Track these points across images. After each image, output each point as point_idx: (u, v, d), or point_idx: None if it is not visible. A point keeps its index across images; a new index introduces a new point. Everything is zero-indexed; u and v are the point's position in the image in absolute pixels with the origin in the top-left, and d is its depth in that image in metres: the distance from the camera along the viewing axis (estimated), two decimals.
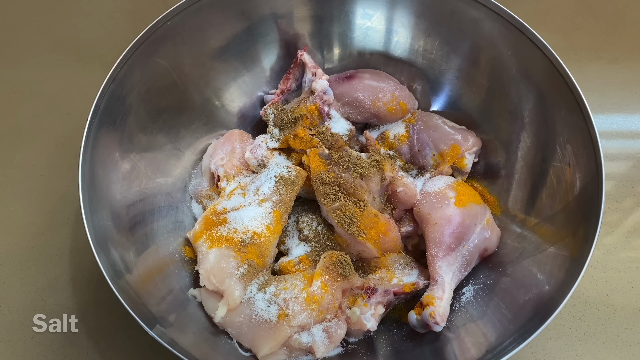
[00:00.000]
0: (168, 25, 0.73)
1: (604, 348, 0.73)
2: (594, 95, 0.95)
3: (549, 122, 0.70)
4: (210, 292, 0.67)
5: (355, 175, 0.71)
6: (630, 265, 0.79)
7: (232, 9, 0.78)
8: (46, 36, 1.05)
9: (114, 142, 0.70)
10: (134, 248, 0.68)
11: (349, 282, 0.67)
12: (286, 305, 0.63)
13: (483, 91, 0.80)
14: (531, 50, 0.70)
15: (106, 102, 0.68)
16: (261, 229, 0.68)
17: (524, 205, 0.74)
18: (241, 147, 0.80)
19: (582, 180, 0.64)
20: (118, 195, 0.69)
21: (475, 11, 0.74)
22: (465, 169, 0.79)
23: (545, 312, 0.57)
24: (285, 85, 0.83)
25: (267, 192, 0.71)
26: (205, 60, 0.81)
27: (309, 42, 0.85)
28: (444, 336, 0.66)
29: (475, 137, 0.80)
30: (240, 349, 0.65)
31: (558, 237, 0.65)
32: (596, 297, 0.77)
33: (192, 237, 0.71)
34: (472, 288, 0.71)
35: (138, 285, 0.64)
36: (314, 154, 0.73)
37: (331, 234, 0.73)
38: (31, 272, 0.80)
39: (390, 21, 0.83)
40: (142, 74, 0.73)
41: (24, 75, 1.00)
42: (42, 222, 0.84)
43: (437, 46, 0.82)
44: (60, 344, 0.74)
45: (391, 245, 0.72)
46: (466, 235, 0.70)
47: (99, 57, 1.02)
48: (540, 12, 1.06)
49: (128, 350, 0.74)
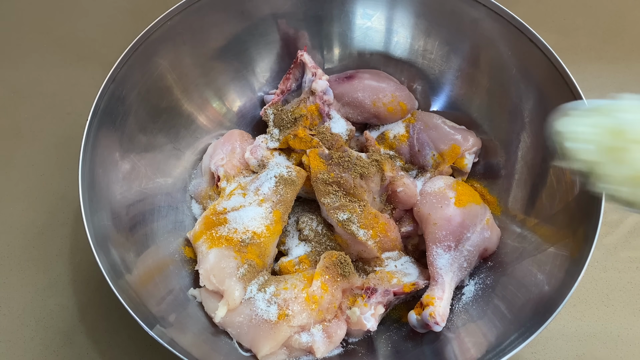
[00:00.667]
0: (168, 25, 0.73)
1: (604, 348, 0.73)
2: (594, 95, 0.94)
3: (549, 122, 0.70)
4: (210, 292, 0.67)
5: (355, 175, 0.71)
6: (630, 265, 0.79)
7: (232, 9, 0.78)
8: (46, 36, 1.05)
9: (114, 142, 0.70)
10: (134, 248, 0.68)
11: (349, 282, 0.67)
12: (286, 305, 0.63)
13: (483, 91, 0.80)
14: (531, 50, 0.70)
15: (106, 102, 0.68)
16: (261, 229, 0.68)
17: (524, 205, 0.74)
18: (241, 147, 0.80)
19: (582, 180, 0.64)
20: (118, 195, 0.69)
21: (475, 11, 0.74)
22: (465, 169, 0.79)
23: (545, 312, 0.57)
24: (285, 85, 0.83)
25: (267, 192, 0.71)
26: (205, 60, 0.81)
27: (309, 42, 0.85)
28: (444, 336, 0.66)
29: (475, 137, 0.79)
30: (240, 349, 0.65)
31: (558, 237, 0.65)
32: (596, 297, 0.77)
33: (192, 237, 0.71)
34: (472, 288, 0.71)
35: (138, 285, 0.64)
36: (314, 154, 0.73)
37: (331, 234, 0.73)
38: (31, 272, 0.80)
39: (390, 21, 0.83)
40: (142, 74, 0.73)
41: (24, 75, 1.00)
42: (42, 222, 0.84)
43: (437, 46, 0.82)
44: (60, 344, 0.74)
45: (391, 245, 0.72)
46: (466, 236, 0.70)
47: (99, 57, 1.02)
48: (540, 12, 1.06)
49: (128, 350, 0.74)
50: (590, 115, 0.45)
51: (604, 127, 0.43)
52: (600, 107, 0.44)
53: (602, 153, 0.43)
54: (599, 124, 0.43)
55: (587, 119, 0.45)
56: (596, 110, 0.44)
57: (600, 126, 0.43)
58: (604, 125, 0.43)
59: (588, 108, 0.45)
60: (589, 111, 0.45)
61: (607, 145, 0.43)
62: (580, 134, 0.45)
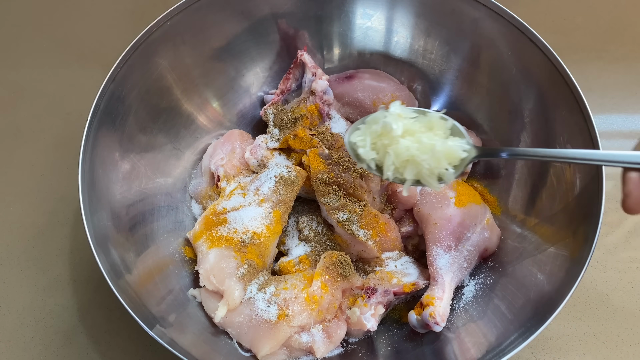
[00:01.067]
0: (168, 25, 0.73)
1: (604, 348, 0.73)
2: (594, 95, 0.95)
3: (549, 122, 0.70)
4: (210, 292, 0.67)
5: (355, 175, 0.71)
6: (630, 265, 0.79)
7: (232, 9, 0.78)
8: (46, 36, 1.05)
9: (114, 142, 0.70)
10: (133, 248, 0.68)
11: (349, 282, 0.67)
12: (286, 305, 0.63)
13: (483, 91, 0.80)
14: (531, 50, 0.70)
15: (106, 102, 0.68)
16: (261, 229, 0.68)
17: (524, 205, 0.74)
18: (241, 147, 0.80)
19: (582, 180, 0.64)
20: (118, 196, 0.69)
21: (475, 11, 0.74)
22: (466, 169, 0.79)
23: (545, 312, 0.57)
24: (285, 85, 0.83)
25: (267, 192, 0.71)
26: (205, 60, 0.81)
27: (309, 42, 0.85)
28: (444, 336, 0.66)
29: (475, 137, 0.80)
30: (240, 349, 0.65)
31: (558, 237, 0.65)
32: (596, 297, 0.77)
33: (192, 237, 0.71)
34: (473, 288, 0.71)
35: (138, 285, 0.64)
36: (313, 154, 0.73)
37: (331, 234, 0.73)
38: (31, 272, 0.80)
39: (390, 21, 0.83)
40: (142, 74, 0.73)
41: (24, 76, 1.00)
42: (42, 222, 0.84)
43: (437, 46, 0.82)
44: (60, 344, 0.74)
45: (391, 245, 0.72)
46: (466, 235, 0.70)
47: (99, 57, 1.02)
48: (540, 12, 1.06)
49: (128, 350, 0.74)
50: (369, 125, 0.57)
51: (376, 132, 0.56)
52: (375, 117, 0.56)
53: (378, 151, 0.56)
54: (373, 130, 0.56)
55: (367, 129, 0.57)
56: (372, 121, 0.56)
57: (374, 132, 0.56)
58: (376, 131, 0.56)
59: (368, 120, 0.57)
60: (369, 122, 0.57)
61: (379, 144, 0.56)
62: (361, 141, 0.58)
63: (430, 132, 0.56)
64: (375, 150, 0.57)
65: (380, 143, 0.56)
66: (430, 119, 0.56)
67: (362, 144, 0.57)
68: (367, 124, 0.57)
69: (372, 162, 0.58)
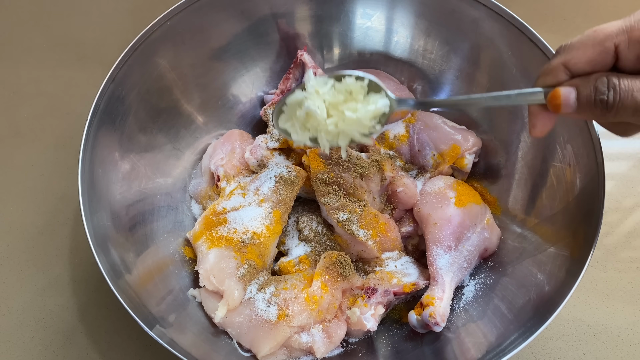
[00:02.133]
0: (168, 25, 0.73)
1: (604, 348, 0.73)
2: None
3: None
4: (210, 292, 0.67)
5: (355, 175, 0.71)
6: (630, 265, 0.79)
7: (232, 9, 0.78)
8: (46, 36, 1.05)
9: (114, 142, 0.70)
10: (133, 248, 0.68)
11: (349, 282, 0.67)
12: (286, 306, 0.63)
13: (483, 91, 0.80)
14: (531, 50, 0.70)
15: (106, 102, 0.68)
16: (261, 229, 0.68)
17: (524, 205, 0.74)
18: (241, 147, 0.80)
19: (583, 180, 0.64)
20: (118, 195, 0.69)
21: (475, 11, 0.74)
22: (465, 169, 0.79)
23: (545, 312, 0.57)
24: (285, 85, 0.83)
25: (267, 192, 0.71)
26: (205, 60, 0.81)
27: (309, 42, 0.85)
28: (444, 336, 0.66)
29: (475, 137, 0.79)
30: (240, 349, 0.65)
31: (558, 237, 0.65)
32: (596, 297, 0.77)
33: (192, 237, 0.71)
34: (473, 288, 0.71)
35: (138, 286, 0.63)
36: (313, 154, 0.73)
37: (331, 234, 0.73)
38: (31, 272, 0.80)
39: (390, 21, 0.83)
40: (142, 74, 0.73)
41: (24, 75, 1.00)
42: (42, 222, 0.84)
43: (437, 46, 0.82)
44: (60, 344, 0.74)
45: (391, 245, 0.72)
46: (466, 236, 0.70)
47: (99, 57, 1.02)
48: (540, 12, 1.06)
49: (128, 350, 0.74)
50: (292, 109, 0.59)
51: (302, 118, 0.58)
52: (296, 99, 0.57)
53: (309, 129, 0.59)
54: (299, 116, 0.58)
55: (291, 113, 0.59)
56: (295, 104, 0.58)
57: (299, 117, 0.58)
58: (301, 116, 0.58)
59: (289, 102, 0.58)
60: (291, 105, 0.58)
61: (308, 125, 0.58)
62: (291, 127, 0.60)
63: (352, 100, 0.57)
64: (307, 130, 0.59)
65: (310, 124, 0.58)
66: (347, 85, 0.57)
67: (293, 129, 0.60)
68: (290, 107, 0.59)
69: (307, 140, 0.60)
